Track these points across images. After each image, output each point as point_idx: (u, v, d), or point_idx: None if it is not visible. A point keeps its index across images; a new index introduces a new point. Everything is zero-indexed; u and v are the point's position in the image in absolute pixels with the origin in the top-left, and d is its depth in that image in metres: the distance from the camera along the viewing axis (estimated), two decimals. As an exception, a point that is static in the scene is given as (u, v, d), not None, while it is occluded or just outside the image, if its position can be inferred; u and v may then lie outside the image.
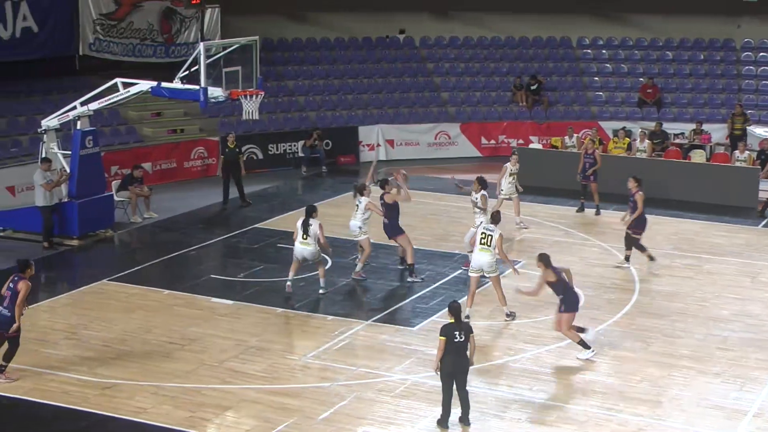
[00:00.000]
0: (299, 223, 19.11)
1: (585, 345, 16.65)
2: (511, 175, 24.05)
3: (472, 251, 18.59)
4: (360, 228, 20.26)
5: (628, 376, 16.14)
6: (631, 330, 17.97)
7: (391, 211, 20.39)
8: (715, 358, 16.87)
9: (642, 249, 21.25)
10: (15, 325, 15.04)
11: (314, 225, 18.91)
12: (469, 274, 18.52)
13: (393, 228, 20.39)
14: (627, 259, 21.42)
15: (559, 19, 36.67)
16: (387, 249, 22.46)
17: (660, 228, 24.49)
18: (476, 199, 20.70)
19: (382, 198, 20.41)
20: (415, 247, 22.58)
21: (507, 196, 24.06)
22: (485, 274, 18.25)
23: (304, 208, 19.54)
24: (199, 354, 16.58)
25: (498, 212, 19.34)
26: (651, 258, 21.22)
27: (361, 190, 20.47)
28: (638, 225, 21.23)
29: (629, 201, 21.39)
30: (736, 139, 30.55)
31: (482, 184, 20.73)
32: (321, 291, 19.32)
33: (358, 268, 20.33)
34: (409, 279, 20.27)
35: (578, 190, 26.18)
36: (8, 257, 21.68)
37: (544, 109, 34.48)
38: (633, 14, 36.84)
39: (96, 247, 22.91)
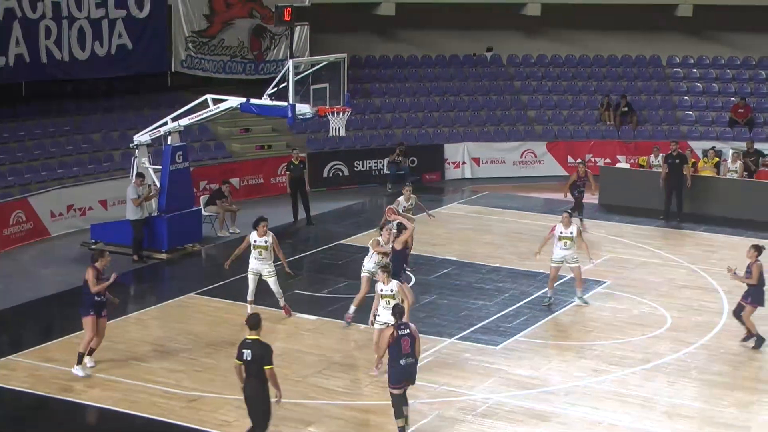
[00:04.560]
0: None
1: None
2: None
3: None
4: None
5: (715, 400, 15.88)
6: (719, 353, 17.67)
7: (394, 257, 18.25)
8: (805, 384, 16.54)
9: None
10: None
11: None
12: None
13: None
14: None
15: (649, 37, 36.32)
16: (470, 267, 22.45)
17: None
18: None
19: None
20: (498, 265, 22.62)
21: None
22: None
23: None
24: (282, 369, 16.65)
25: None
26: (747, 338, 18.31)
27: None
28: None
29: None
30: None
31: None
32: None
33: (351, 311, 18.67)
34: None
35: (663, 209, 25.98)
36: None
37: (632, 128, 34.14)
38: (725, 32, 36.34)
39: (184, 260, 23.25)
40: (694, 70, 36.40)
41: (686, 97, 35.58)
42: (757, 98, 35.02)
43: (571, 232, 19.74)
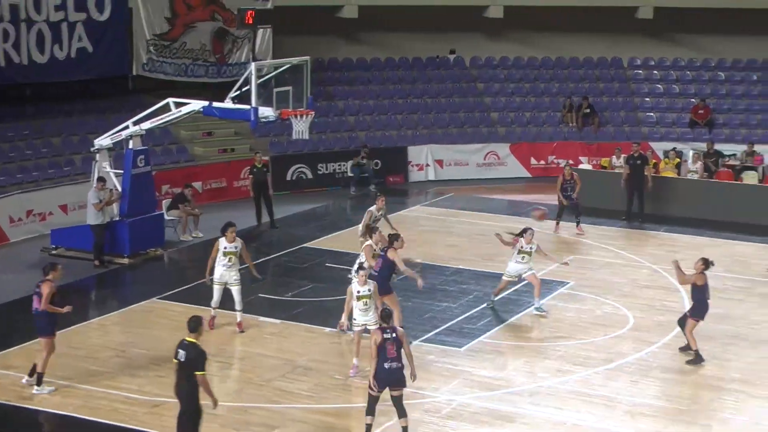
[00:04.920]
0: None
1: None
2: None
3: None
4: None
5: (677, 399, 15.99)
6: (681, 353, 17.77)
7: (385, 266, 17.54)
8: (766, 382, 16.65)
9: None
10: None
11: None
12: None
13: (380, 285, 17.00)
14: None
15: (610, 39, 36.56)
16: (435, 269, 22.45)
17: (712, 250, 24.25)
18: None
19: (384, 250, 17.70)
20: (462, 267, 22.65)
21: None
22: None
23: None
24: (246, 373, 16.66)
25: None
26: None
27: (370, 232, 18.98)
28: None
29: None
30: None
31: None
32: None
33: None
34: None
35: (625, 210, 26.21)
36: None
37: (594, 129, 34.32)
38: (685, 34, 36.66)
39: (146, 265, 23.10)
40: (655, 72, 36.66)
41: (647, 99, 35.84)
42: (717, 99, 35.32)
43: (531, 248, 19.41)
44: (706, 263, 17.50)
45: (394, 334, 13.77)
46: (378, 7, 33.79)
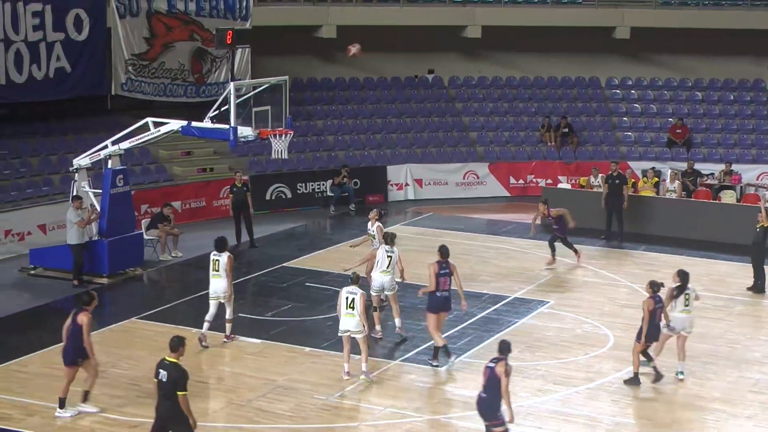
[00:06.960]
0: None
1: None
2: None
3: None
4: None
5: (658, 418, 15.99)
6: (662, 372, 17.77)
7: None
8: (747, 401, 16.70)
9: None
10: None
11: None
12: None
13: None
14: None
15: (588, 59, 36.74)
16: (414, 288, 22.36)
17: (691, 269, 24.22)
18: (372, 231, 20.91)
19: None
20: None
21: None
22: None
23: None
24: (227, 393, 16.57)
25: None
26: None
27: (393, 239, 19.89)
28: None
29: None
30: None
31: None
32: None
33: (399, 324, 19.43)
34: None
35: (604, 229, 26.27)
36: (39, 295, 21.88)
37: (572, 149, 34.46)
38: (662, 54, 36.88)
39: (125, 285, 23.00)
40: (633, 92, 36.87)
41: (625, 118, 36.02)
42: (694, 119, 35.54)
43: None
44: (653, 286, 17.15)
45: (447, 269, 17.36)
46: (356, 26, 33.80)
